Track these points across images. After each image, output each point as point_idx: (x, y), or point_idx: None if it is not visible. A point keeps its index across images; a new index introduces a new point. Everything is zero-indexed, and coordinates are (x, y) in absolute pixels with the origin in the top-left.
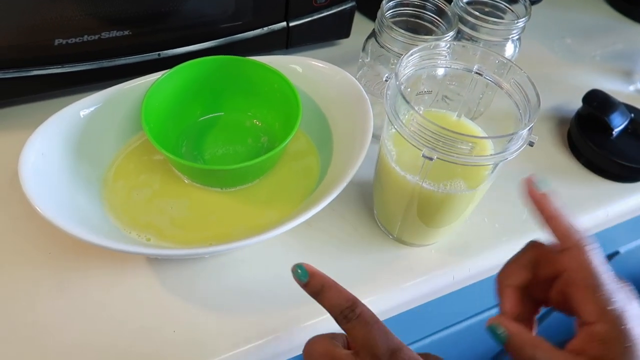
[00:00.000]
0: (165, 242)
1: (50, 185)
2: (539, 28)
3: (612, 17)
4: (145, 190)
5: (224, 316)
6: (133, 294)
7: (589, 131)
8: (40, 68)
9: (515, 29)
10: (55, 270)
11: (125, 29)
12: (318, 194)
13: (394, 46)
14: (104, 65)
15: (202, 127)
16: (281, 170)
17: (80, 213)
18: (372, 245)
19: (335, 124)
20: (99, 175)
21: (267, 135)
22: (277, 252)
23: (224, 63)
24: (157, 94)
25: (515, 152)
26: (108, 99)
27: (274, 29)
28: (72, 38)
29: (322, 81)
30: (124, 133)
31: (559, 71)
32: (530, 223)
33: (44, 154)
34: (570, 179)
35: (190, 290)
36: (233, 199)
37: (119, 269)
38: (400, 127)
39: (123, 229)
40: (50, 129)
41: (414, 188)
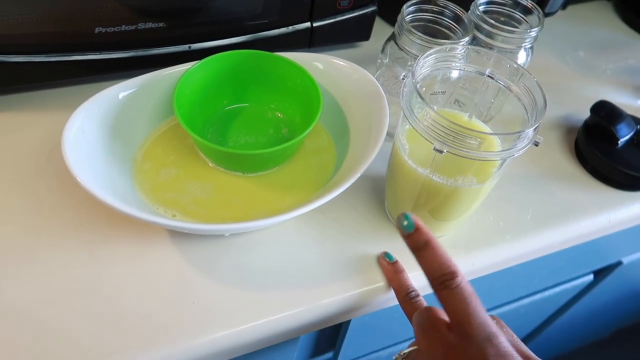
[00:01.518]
0: (189, 219)
1: (88, 160)
2: (554, 39)
3: (626, 34)
4: (172, 171)
5: (240, 292)
6: (157, 266)
7: (596, 140)
8: (80, 54)
9: (528, 38)
10: (85, 241)
11: (160, 21)
12: (332, 184)
13: (412, 48)
14: (139, 54)
15: (227, 116)
16: (300, 160)
17: (113, 187)
18: (381, 236)
19: (352, 119)
20: (131, 154)
21: (288, 127)
22: (292, 237)
23: (250, 57)
24: (188, 83)
25: (522, 150)
26: (144, 83)
27: (298, 29)
28: (111, 27)
29: (342, 78)
30: (155, 117)
31: (570, 82)
32: (533, 224)
33: (84, 130)
34: (575, 185)
35: (209, 266)
36: (253, 183)
37: (145, 243)
38: (415, 122)
39: (151, 205)
40: (91, 108)
41: (424, 180)
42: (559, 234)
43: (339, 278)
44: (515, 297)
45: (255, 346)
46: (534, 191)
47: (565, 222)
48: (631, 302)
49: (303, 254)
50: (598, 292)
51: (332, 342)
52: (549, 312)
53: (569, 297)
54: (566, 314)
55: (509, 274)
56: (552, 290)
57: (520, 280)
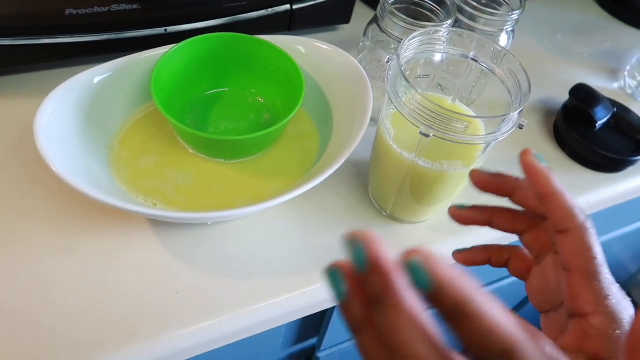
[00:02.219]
0: (171, 208)
1: (62, 147)
2: (532, 23)
3: (602, 17)
4: (151, 158)
5: (224, 280)
6: (138, 257)
7: (574, 123)
8: (50, 37)
9: (509, 21)
10: (62, 232)
11: (134, 2)
12: (317, 170)
13: (394, 31)
14: (112, 37)
15: (207, 101)
16: (283, 145)
17: (90, 176)
18: (366, 222)
19: (335, 104)
20: (108, 141)
21: (270, 112)
22: (276, 224)
23: (231, 40)
24: (166, 67)
25: (507, 133)
26: (120, 67)
27: (278, 11)
28: (83, 9)
29: (324, 62)
30: (132, 102)
31: (549, 65)
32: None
33: (57, 117)
34: (555, 167)
35: (192, 256)
36: (236, 170)
37: (124, 233)
38: (400, 105)
39: (130, 194)
40: (64, 93)
41: (410, 165)
42: None
43: (323, 263)
44: (497, 277)
45: (240, 335)
46: (516, 174)
47: None
48: None
49: (287, 240)
50: None
51: (316, 328)
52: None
53: None
54: None
55: None
56: None
57: None
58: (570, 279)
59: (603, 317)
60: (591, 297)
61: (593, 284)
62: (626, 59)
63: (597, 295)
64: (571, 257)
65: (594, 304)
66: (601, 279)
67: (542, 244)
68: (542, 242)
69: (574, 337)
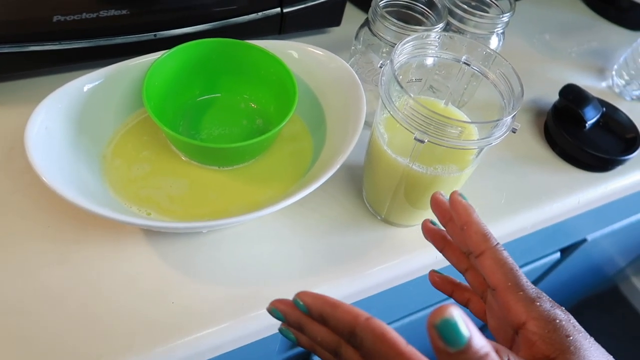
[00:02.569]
0: (165, 217)
1: (53, 158)
2: (521, 23)
3: (588, 16)
4: (144, 167)
5: (221, 288)
6: (132, 267)
7: (564, 123)
8: (38, 44)
9: (500, 23)
10: (55, 243)
11: (123, 8)
12: (311, 176)
13: (386, 35)
14: (101, 43)
15: (199, 107)
16: (276, 151)
17: (83, 186)
18: (361, 226)
19: (328, 108)
20: (100, 150)
21: (262, 117)
22: (271, 230)
23: (222, 45)
24: (158, 73)
25: (500, 138)
26: (111, 75)
27: (268, 15)
28: (71, 15)
29: (317, 67)
30: (124, 110)
31: (538, 65)
32: (507, 207)
33: (47, 127)
34: (546, 168)
35: (188, 263)
36: (230, 177)
37: (118, 243)
38: (394, 111)
39: (124, 203)
40: (54, 102)
41: (404, 170)
42: (532, 216)
43: (321, 269)
44: None
45: (238, 343)
46: (507, 174)
47: (538, 205)
48: (592, 275)
49: (282, 246)
50: (563, 268)
51: None
52: None
53: (538, 275)
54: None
55: None
56: (523, 269)
57: None
58: (498, 296)
59: (537, 321)
60: (521, 306)
61: (518, 294)
62: (613, 57)
63: (526, 302)
64: (492, 275)
65: (526, 311)
66: (524, 287)
67: (480, 282)
68: (480, 280)
69: (524, 349)
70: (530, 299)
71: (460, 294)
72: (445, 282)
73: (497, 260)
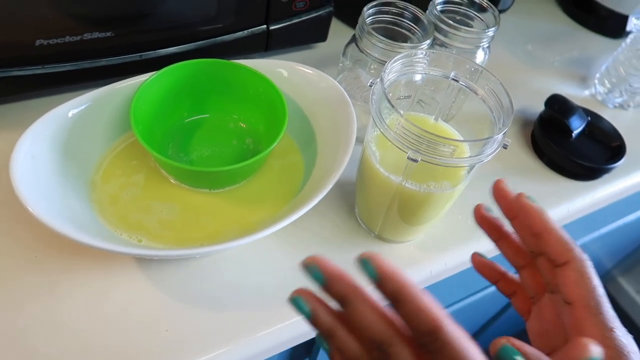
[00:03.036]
0: (157, 243)
1: (40, 187)
2: (503, 34)
3: (569, 25)
4: (133, 192)
5: (215, 314)
6: (124, 296)
7: (551, 133)
8: (20, 68)
9: (485, 38)
10: (43, 273)
11: (107, 30)
12: (304, 195)
13: (373, 52)
14: (86, 66)
15: (188, 128)
16: (267, 171)
17: (71, 214)
18: (354, 243)
19: (319, 127)
20: (87, 177)
21: (252, 137)
22: (263, 251)
23: (210, 66)
24: (145, 96)
25: (492, 154)
26: (96, 99)
27: (255, 32)
28: (54, 39)
29: (306, 86)
30: (111, 134)
31: (522, 76)
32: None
33: (33, 155)
34: (535, 177)
35: (180, 289)
36: (221, 199)
37: (109, 270)
38: (386, 130)
39: (114, 230)
40: (39, 130)
41: (397, 188)
42: None
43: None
44: (482, 286)
45: None
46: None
47: None
48: None
49: (276, 267)
50: None
51: (308, 349)
52: None
53: None
54: None
55: None
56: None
57: None
58: (574, 311)
59: (610, 350)
60: (597, 331)
61: (597, 317)
62: (595, 66)
63: (603, 327)
64: (573, 288)
65: (601, 337)
66: (604, 311)
67: (538, 283)
68: (538, 281)
69: None
70: (608, 327)
71: (506, 285)
72: (491, 269)
73: (582, 274)
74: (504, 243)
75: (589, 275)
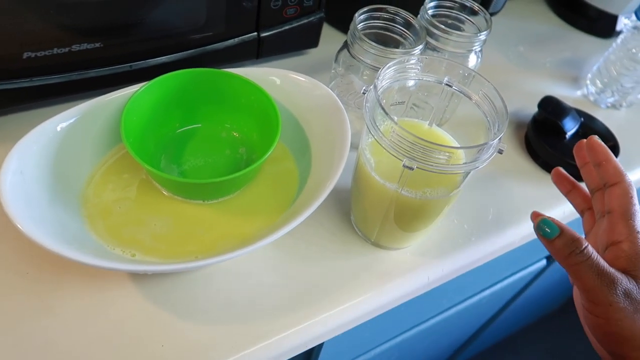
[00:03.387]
0: (151, 257)
1: (29, 204)
2: (495, 37)
3: (560, 26)
4: (126, 206)
5: (211, 327)
6: (118, 311)
7: (545, 135)
8: (7, 82)
9: (477, 42)
10: (34, 290)
11: (96, 41)
12: (299, 204)
13: (366, 58)
14: (75, 77)
15: (180, 139)
16: (261, 181)
17: (63, 230)
18: (351, 251)
19: (313, 136)
20: (78, 192)
21: (245, 146)
22: (259, 262)
23: (201, 75)
24: (135, 108)
25: (487, 160)
26: (85, 112)
27: (245, 40)
28: (42, 51)
29: (300, 93)
30: (101, 148)
31: (515, 78)
32: (495, 223)
33: (22, 172)
34: (529, 180)
35: (175, 302)
36: (215, 210)
37: (102, 286)
38: (380, 138)
39: (107, 245)
40: (28, 146)
41: (393, 195)
42: (520, 231)
43: (314, 300)
44: (478, 289)
45: None
46: (492, 189)
47: (526, 219)
48: None
49: (273, 278)
50: (550, 273)
51: (307, 357)
52: (506, 298)
53: (525, 283)
54: (522, 297)
55: (473, 269)
56: (511, 279)
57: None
58: (612, 217)
59: (633, 245)
60: (626, 230)
61: (629, 222)
62: (586, 66)
63: (631, 229)
64: (616, 199)
65: (627, 234)
66: (636, 220)
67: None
68: (593, 221)
69: (606, 259)
70: (635, 229)
71: (576, 197)
72: (565, 179)
73: (626, 193)
74: (573, 193)
75: (631, 194)
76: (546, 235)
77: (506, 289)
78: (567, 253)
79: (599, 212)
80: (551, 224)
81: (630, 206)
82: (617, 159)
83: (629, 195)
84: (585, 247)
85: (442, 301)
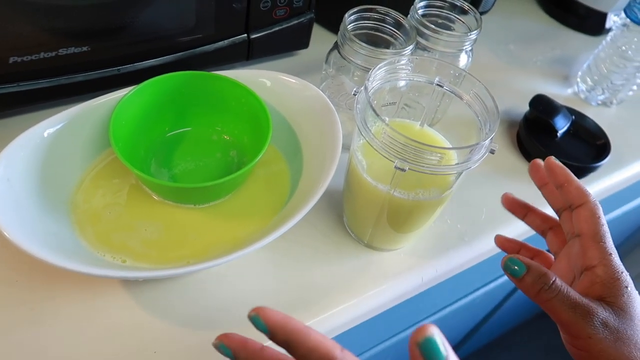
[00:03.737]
0: (141, 263)
1: (17, 211)
2: (485, 35)
3: (550, 24)
4: (115, 211)
5: (204, 333)
6: (109, 317)
7: (536, 133)
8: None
9: (468, 41)
10: (24, 298)
11: (83, 44)
12: (291, 207)
13: (356, 58)
14: (62, 82)
15: (170, 142)
16: (253, 184)
17: (52, 238)
18: (344, 253)
19: (303, 136)
20: (67, 198)
21: (236, 149)
22: (252, 265)
23: (190, 78)
24: (124, 112)
25: (479, 161)
26: (73, 117)
27: (235, 42)
28: (28, 55)
29: (290, 95)
30: (90, 153)
31: (505, 76)
32: (489, 223)
33: (9, 179)
34: (521, 179)
35: (168, 308)
36: (207, 215)
37: (93, 293)
38: (371, 139)
39: (97, 252)
40: (14, 152)
41: (386, 197)
42: (513, 230)
43: (308, 303)
44: (472, 288)
45: None
46: (485, 189)
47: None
48: None
49: (266, 281)
50: None
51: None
52: (500, 297)
53: None
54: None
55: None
56: (504, 277)
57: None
58: (582, 240)
59: (606, 268)
60: (598, 253)
61: (600, 244)
62: (576, 64)
63: (603, 252)
64: (584, 222)
65: (600, 258)
66: (606, 241)
67: (561, 241)
68: (561, 239)
69: (581, 287)
70: (607, 251)
71: (534, 219)
72: (517, 205)
73: (593, 214)
74: (530, 216)
75: (598, 215)
76: (514, 274)
77: (500, 288)
78: (537, 290)
79: (568, 233)
80: (518, 262)
81: (599, 227)
82: (578, 180)
83: (596, 216)
84: (554, 281)
85: (436, 300)
